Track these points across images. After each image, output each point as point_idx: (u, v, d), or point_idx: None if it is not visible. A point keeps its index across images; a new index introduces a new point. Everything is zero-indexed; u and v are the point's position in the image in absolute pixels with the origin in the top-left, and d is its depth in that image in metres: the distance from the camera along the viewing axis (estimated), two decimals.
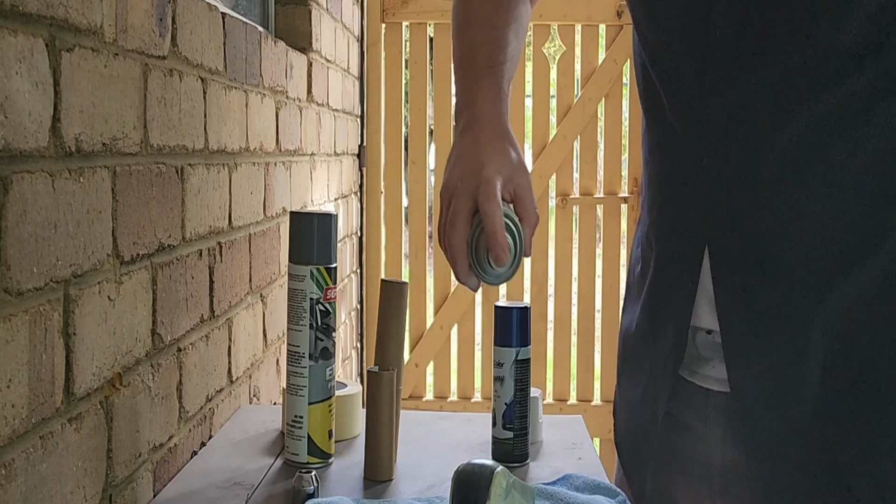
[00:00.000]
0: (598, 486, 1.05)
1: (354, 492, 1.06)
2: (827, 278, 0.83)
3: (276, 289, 1.68)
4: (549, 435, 1.27)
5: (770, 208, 0.86)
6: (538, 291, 3.33)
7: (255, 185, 1.55)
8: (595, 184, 3.33)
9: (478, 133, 0.94)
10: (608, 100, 3.29)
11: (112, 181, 0.95)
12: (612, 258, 3.33)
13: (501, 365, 1.12)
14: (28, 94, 0.78)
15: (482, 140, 0.94)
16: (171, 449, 1.14)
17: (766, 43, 0.84)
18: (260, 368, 1.59)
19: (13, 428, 0.76)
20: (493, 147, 0.93)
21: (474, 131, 0.95)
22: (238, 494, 1.06)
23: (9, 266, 0.75)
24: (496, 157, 0.92)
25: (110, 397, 0.96)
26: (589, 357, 3.33)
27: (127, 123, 0.99)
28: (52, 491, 0.83)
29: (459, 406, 3.29)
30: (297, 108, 1.90)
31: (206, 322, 1.28)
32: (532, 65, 3.30)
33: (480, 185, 0.89)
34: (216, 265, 1.32)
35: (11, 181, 0.75)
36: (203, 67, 1.25)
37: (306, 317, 1.10)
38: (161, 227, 1.10)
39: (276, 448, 1.21)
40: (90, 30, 0.90)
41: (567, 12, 3.24)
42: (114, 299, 0.96)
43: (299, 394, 1.12)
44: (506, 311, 1.12)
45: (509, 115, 0.99)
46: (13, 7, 0.75)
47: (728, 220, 0.89)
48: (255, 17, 2.00)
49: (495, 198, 0.88)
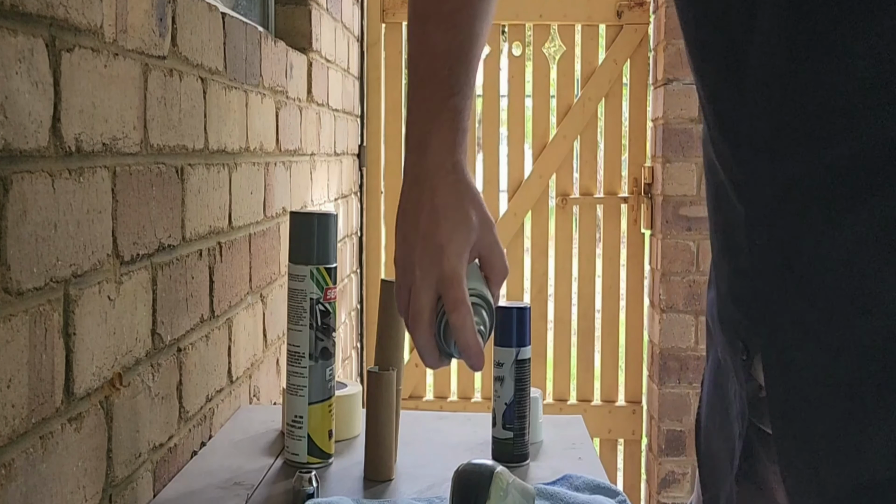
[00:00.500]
0: (598, 486, 1.05)
1: (354, 492, 1.06)
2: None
3: (276, 289, 1.68)
4: (549, 435, 1.27)
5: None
6: (538, 291, 3.33)
7: (255, 185, 1.55)
8: (595, 184, 3.33)
9: (432, 196, 0.85)
10: (608, 100, 3.28)
11: (112, 181, 0.95)
12: (611, 258, 3.33)
13: (501, 365, 1.12)
14: (28, 94, 0.78)
15: (438, 206, 0.84)
16: (171, 449, 1.14)
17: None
18: (260, 368, 1.59)
19: (13, 428, 0.76)
20: (452, 217, 0.84)
21: (429, 192, 0.85)
22: (238, 494, 1.06)
23: (9, 266, 0.75)
24: (456, 232, 0.84)
25: (110, 397, 0.96)
26: (589, 357, 3.33)
27: (127, 123, 0.99)
28: (52, 491, 0.83)
29: (459, 406, 3.29)
30: (297, 108, 1.90)
31: (206, 322, 1.28)
32: (532, 65, 3.30)
33: (444, 282, 0.82)
34: (216, 265, 1.32)
35: (11, 181, 0.76)
36: (203, 67, 1.25)
37: (306, 317, 1.10)
38: (161, 227, 1.09)
39: (276, 448, 1.21)
40: (90, 30, 0.90)
41: (567, 12, 3.24)
42: (114, 299, 0.96)
43: (299, 394, 1.12)
44: (506, 311, 1.12)
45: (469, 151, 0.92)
46: (13, 7, 0.75)
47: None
48: (255, 17, 2.00)
49: (463, 303, 0.81)
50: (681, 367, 3.03)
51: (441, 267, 0.82)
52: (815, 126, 0.73)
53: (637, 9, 3.22)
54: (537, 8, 3.24)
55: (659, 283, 3.05)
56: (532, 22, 3.26)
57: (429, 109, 0.88)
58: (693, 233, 3.00)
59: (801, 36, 0.73)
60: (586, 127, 3.28)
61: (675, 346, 3.03)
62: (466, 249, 0.84)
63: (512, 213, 3.31)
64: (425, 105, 0.88)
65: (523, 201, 3.31)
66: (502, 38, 3.36)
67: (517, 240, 3.34)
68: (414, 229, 0.85)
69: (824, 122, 0.73)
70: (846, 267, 0.73)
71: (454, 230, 0.84)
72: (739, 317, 0.84)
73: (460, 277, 0.82)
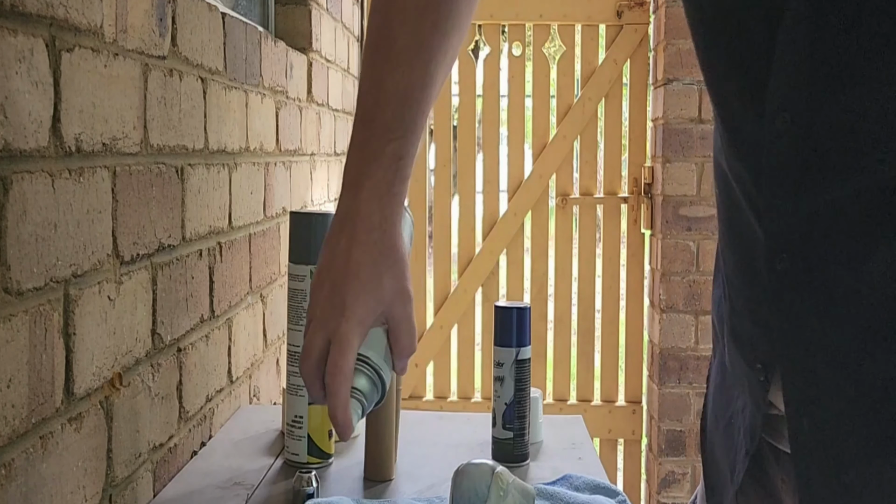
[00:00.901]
0: (598, 486, 1.05)
1: (354, 492, 1.06)
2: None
3: (276, 289, 1.68)
4: (549, 435, 1.27)
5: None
6: (538, 291, 3.33)
7: (255, 185, 1.55)
8: (595, 184, 3.33)
9: (350, 248, 0.81)
10: (608, 100, 3.28)
11: (112, 181, 0.95)
12: (611, 258, 3.33)
13: (501, 365, 1.12)
14: (28, 94, 0.78)
15: (352, 262, 0.80)
16: (171, 449, 1.14)
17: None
18: (260, 368, 1.59)
19: (13, 428, 0.76)
20: (363, 279, 0.80)
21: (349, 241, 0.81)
22: (238, 494, 1.06)
23: (9, 266, 0.75)
24: (362, 295, 0.80)
25: (110, 397, 0.96)
26: (589, 357, 3.33)
27: (127, 123, 0.99)
28: (52, 491, 0.83)
29: (459, 406, 3.29)
30: (297, 108, 1.90)
31: (206, 322, 1.28)
32: (532, 65, 3.30)
33: (333, 341, 0.79)
34: (216, 265, 1.32)
35: (11, 181, 0.76)
36: (203, 67, 1.25)
37: (306, 317, 1.10)
38: (161, 227, 1.10)
39: (276, 448, 1.21)
40: (90, 30, 0.90)
41: (567, 12, 3.24)
42: (114, 299, 0.96)
43: (299, 394, 1.12)
44: (505, 311, 1.12)
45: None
46: (13, 7, 0.75)
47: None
48: (255, 17, 2.00)
49: (340, 372, 0.78)
50: (681, 367, 3.03)
51: (338, 325, 0.79)
52: (843, 156, 0.71)
53: (637, 9, 3.22)
54: (537, 8, 3.24)
55: (659, 283, 3.05)
56: (532, 22, 3.26)
57: (367, 151, 0.83)
58: (693, 233, 3.00)
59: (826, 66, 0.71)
60: (586, 127, 3.28)
61: (675, 346, 3.03)
62: (371, 316, 0.80)
63: (512, 213, 3.31)
64: (364, 146, 0.84)
65: (523, 201, 3.31)
66: (502, 38, 3.36)
67: (517, 240, 3.34)
68: (328, 272, 0.82)
69: (852, 152, 0.71)
70: (877, 299, 0.72)
71: (362, 292, 0.80)
72: (759, 339, 0.82)
73: (350, 345, 0.78)
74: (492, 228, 3.32)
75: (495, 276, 3.33)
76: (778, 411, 0.82)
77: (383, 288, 0.81)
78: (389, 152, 0.83)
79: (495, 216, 3.33)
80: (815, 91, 0.72)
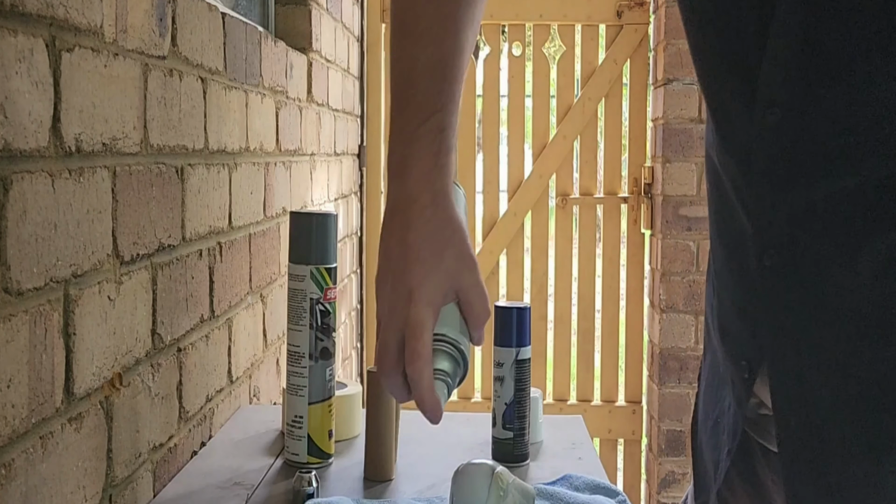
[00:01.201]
0: (598, 486, 1.05)
1: (354, 492, 1.06)
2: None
3: (276, 289, 1.69)
4: (549, 435, 1.27)
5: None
6: (538, 291, 3.33)
7: (255, 185, 1.55)
8: (595, 184, 3.33)
9: (406, 233, 0.79)
10: (608, 100, 3.29)
11: (112, 181, 0.95)
12: (611, 258, 3.33)
13: (501, 365, 1.12)
14: (28, 94, 0.78)
15: (411, 245, 0.78)
16: (171, 449, 1.14)
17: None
18: (260, 368, 1.59)
19: (13, 428, 0.76)
20: (424, 259, 0.78)
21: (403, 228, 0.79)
22: (238, 494, 1.06)
23: (9, 266, 0.75)
24: (428, 275, 0.78)
25: (110, 397, 0.96)
26: (589, 357, 3.33)
27: (127, 123, 0.99)
28: (52, 491, 0.83)
29: (459, 406, 3.29)
30: (297, 108, 1.90)
31: (206, 322, 1.28)
32: (532, 65, 3.30)
33: (407, 329, 0.76)
34: (216, 265, 1.32)
35: (11, 181, 0.76)
36: (203, 67, 1.25)
37: (306, 317, 1.10)
38: (161, 227, 1.10)
39: (276, 448, 1.21)
40: (90, 30, 0.90)
41: (567, 12, 3.24)
42: (114, 299, 0.96)
43: (299, 394, 1.12)
44: (505, 311, 1.12)
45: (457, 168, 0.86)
46: (13, 7, 0.75)
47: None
48: (255, 17, 2.00)
49: (420, 357, 0.76)
50: (681, 367, 3.03)
51: (408, 312, 0.77)
52: (834, 151, 0.71)
53: (637, 9, 3.22)
54: (537, 8, 3.24)
55: (659, 283, 3.05)
56: (532, 22, 3.26)
57: (408, 132, 0.81)
58: (693, 233, 3.00)
59: (818, 60, 0.70)
60: (586, 127, 3.28)
61: (675, 346, 3.03)
62: (439, 294, 0.78)
63: (512, 213, 3.32)
64: (405, 128, 0.82)
65: (523, 201, 3.31)
66: (502, 38, 3.36)
67: (517, 240, 3.34)
68: (387, 265, 0.80)
69: (843, 147, 0.70)
70: (866, 296, 0.71)
71: (426, 273, 0.78)
72: (745, 334, 0.82)
73: (423, 327, 0.77)
74: (492, 228, 3.32)
75: (495, 276, 3.33)
76: (767, 410, 0.81)
77: (445, 262, 0.79)
78: (430, 127, 0.81)
79: (495, 216, 3.33)
80: (807, 86, 0.71)
